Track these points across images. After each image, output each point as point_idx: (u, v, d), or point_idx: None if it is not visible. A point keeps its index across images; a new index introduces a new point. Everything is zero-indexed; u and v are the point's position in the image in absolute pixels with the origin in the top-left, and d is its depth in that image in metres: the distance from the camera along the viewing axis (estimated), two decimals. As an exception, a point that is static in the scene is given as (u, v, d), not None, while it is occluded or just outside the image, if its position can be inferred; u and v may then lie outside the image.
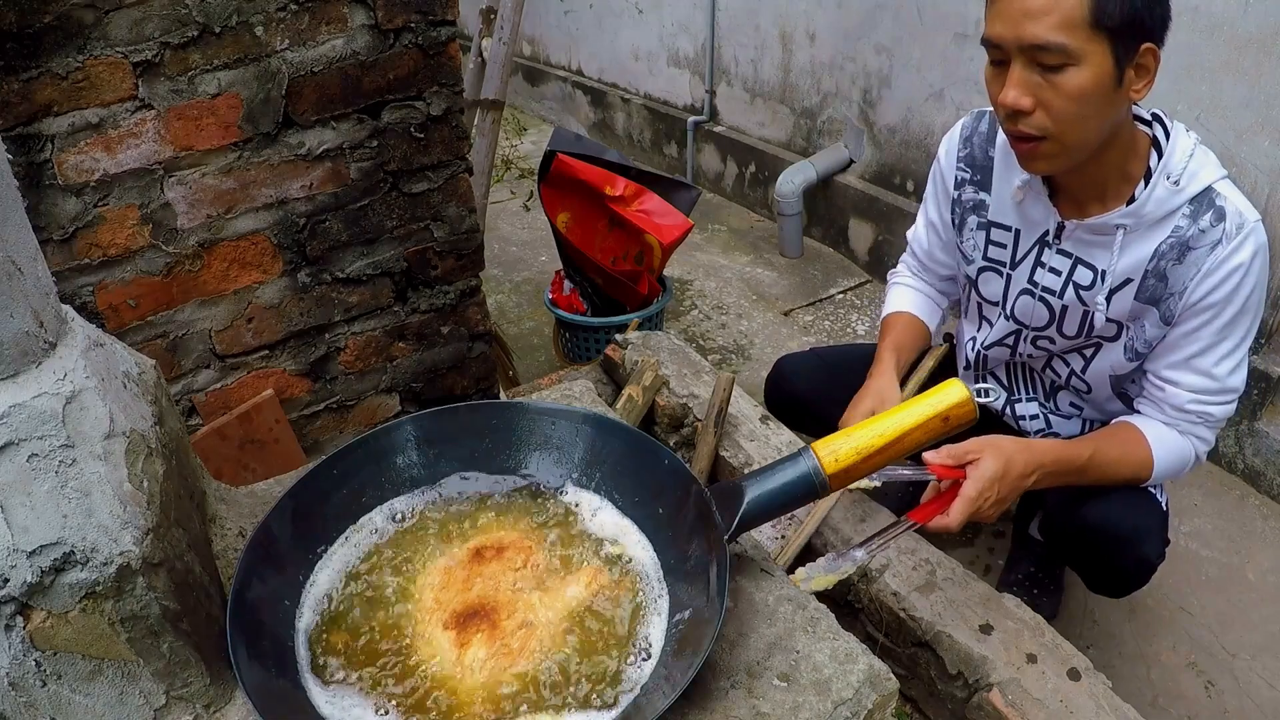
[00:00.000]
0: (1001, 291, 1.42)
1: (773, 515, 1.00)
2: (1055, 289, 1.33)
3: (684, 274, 3.26)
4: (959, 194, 1.42)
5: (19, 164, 1.22)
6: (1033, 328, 1.40)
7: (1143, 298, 1.25)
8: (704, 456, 1.60)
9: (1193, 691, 1.64)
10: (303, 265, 1.51)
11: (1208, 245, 1.17)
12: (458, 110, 1.53)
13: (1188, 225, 1.19)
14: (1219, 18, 1.89)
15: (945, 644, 1.26)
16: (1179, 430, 1.30)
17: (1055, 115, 1.09)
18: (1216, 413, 1.28)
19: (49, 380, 0.75)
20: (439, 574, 0.99)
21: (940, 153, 1.46)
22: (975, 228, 1.41)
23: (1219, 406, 1.28)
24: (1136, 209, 1.20)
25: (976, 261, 1.44)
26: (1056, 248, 1.31)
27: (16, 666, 0.75)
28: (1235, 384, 1.26)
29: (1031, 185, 1.30)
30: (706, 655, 0.81)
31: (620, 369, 1.85)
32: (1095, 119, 1.11)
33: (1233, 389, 1.27)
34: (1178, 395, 1.28)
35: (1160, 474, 1.32)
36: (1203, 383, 1.26)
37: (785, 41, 3.31)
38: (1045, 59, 1.06)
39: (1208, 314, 1.21)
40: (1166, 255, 1.21)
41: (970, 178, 1.40)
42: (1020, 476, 1.17)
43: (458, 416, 1.13)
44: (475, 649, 0.90)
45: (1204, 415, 1.28)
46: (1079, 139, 1.13)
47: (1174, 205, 1.19)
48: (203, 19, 1.27)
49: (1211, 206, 1.18)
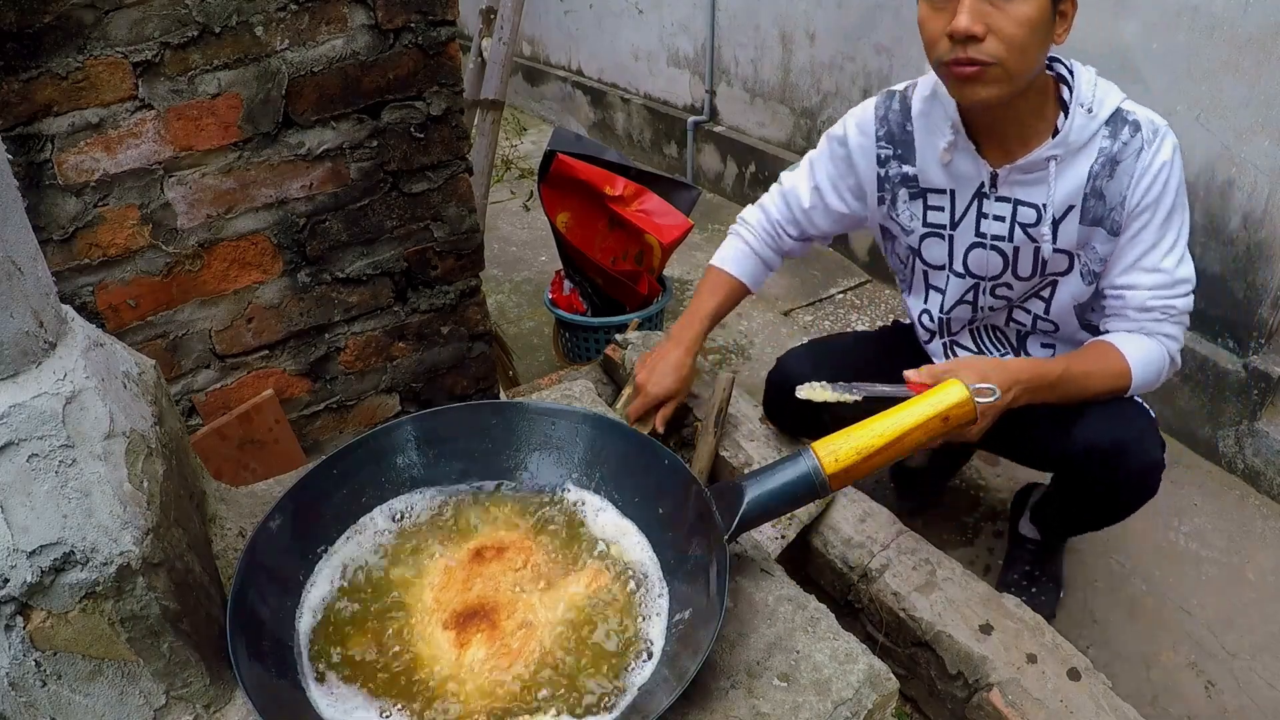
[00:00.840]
0: (946, 253, 1.49)
1: (773, 515, 1.00)
2: (1003, 234, 1.40)
3: (684, 274, 3.26)
4: (884, 171, 1.48)
5: (19, 164, 1.22)
6: (989, 278, 1.47)
7: (1087, 220, 1.34)
8: (704, 456, 1.60)
9: (1193, 691, 1.64)
10: (303, 265, 1.51)
11: (1133, 154, 1.29)
12: (458, 110, 1.53)
13: (1111, 144, 1.30)
14: (1219, 18, 1.89)
15: (945, 644, 1.26)
16: (1146, 333, 1.36)
17: (1006, 40, 1.17)
18: (1178, 304, 1.35)
19: (49, 380, 0.75)
20: (439, 574, 0.99)
21: (849, 133, 1.50)
22: (908, 199, 1.48)
23: (1179, 299, 1.34)
24: (1063, 139, 1.30)
25: (917, 230, 1.50)
26: (995, 195, 1.38)
27: (16, 666, 0.75)
28: (1185, 274, 1.34)
29: (958, 143, 1.38)
30: (706, 655, 0.81)
31: (620, 369, 1.85)
32: (1036, 49, 1.21)
33: (1184, 279, 1.34)
34: (1137, 296, 1.35)
35: (1139, 379, 1.36)
36: (1157, 279, 1.33)
37: (785, 41, 3.31)
38: None
39: (1147, 214, 1.31)
40: (1099, 174, 1.31)
41: (893, 153, 1.46)
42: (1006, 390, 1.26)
43: (458, 416, 1.13)
44: (475, 649, 0.90)
45: (1167, 309, 1.35)
46: (1022, 67, 1.21)
47: (1093, 129, 1.30)
48: (203, 19, 1.27)
49: (1126, 122, 1.30)
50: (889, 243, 1.59)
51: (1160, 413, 2.26)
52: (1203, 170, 2.02)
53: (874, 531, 1.45)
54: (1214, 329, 2.12)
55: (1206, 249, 2.08)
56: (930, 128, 1.41)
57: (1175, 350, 1.38)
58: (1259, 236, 1.96)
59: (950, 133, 1.37)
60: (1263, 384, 2.02)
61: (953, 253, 1.47)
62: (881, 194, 1.50)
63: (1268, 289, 1.98)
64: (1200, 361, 2.13)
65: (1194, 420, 2.20)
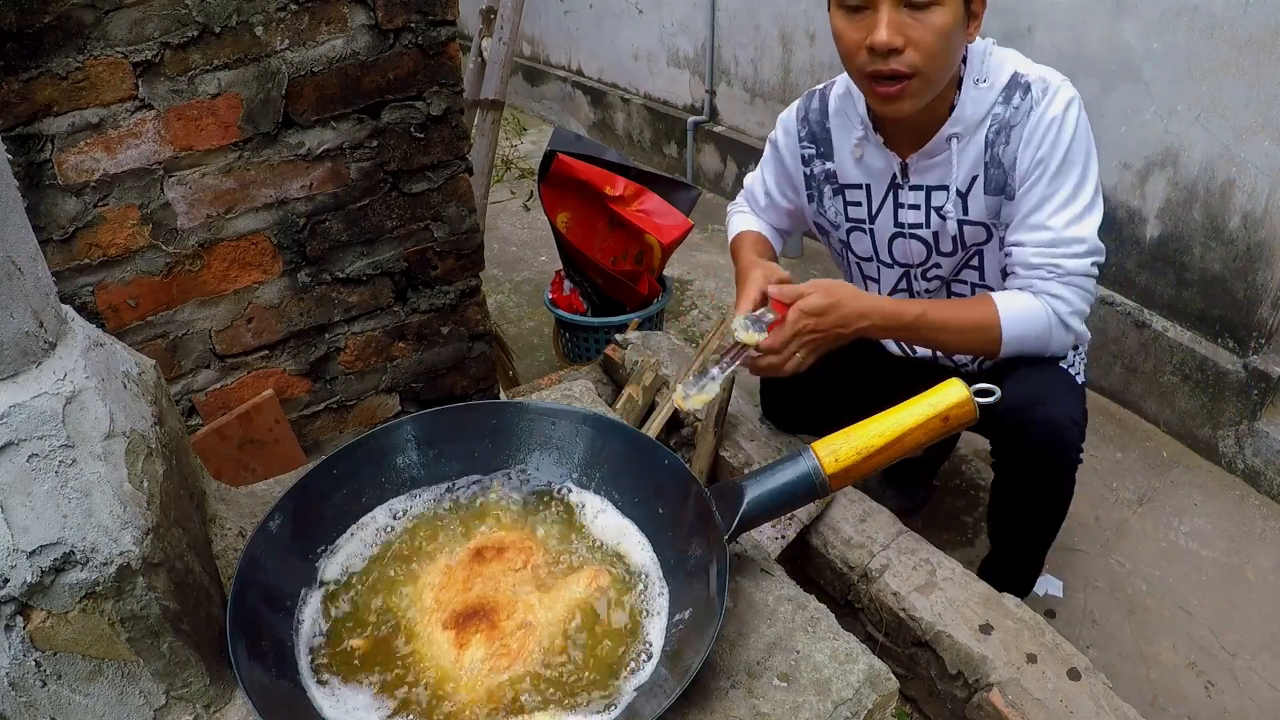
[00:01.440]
0: (871, 246, 1.51)
1: (773, 515, 1.00)
2: (920, 221, 1.42)
3: (684, 274, 3.26)
4: (809, 170, 1.52)
5: (19, 164, 1.22)
6: (916, 265, 1.49)
7: (991, 189, 1.34)
8: (704, 456, 1.60)
9: (1193, 691, 1.64)
10: (303, 265, 1.51)
11: (1024, 115, 1.29)
12: (458, 110, 1.53)
13: (1004, 110, 1.30)
14: (1219, 18, 1.89)
15: (945, 644, 1.26)
16: (1034, 292, 1.33)
17: (925, 51, 1.19)
18: (1066, 264, 1.30)
19: (49, 380, 0.75)
20: (439, 574, 0.99)
21: (779, 137, 1.56)
22: (831, 195, 1.50)
23: (1068, 259, 1.29)
24: (957, 115, 1.31)
25: (843, 225, 1.52)
26: (908, 185, 1.40)
27: (16, 666, 0.75)
28: (1077, 234, 1.29)
29: (867, 138, 1.40)
30: (706, 655, 0.81)
31: (620, 369, 1.85)
32: (952, 54, 1.23)
33: (1075, 239, 1.29)
34: (1022, 253, 1.33)
35: (1011, 334, 1.32)
36: (1042, 236, 1.30)
37: (785, 41, 3.31)
38: None
39: (1035, 173, 1.29)
40: (995, 142, 1.31)
41: (816, 151, 1.50)
42: (844, 319, 1.29)
43: (458, 417, 1.13)
44: (474, 649, 0.90)
45: (1053, 268, 1.30)
46: (940, 74, 1.23)
47: (990, 100, 1.30)
48: (203, 19, 1.27)
49: (1018, 86, 1.30)
50: (824, 238, 1.62)
51: (1160, 413, 2.27)
52: (1203, 170, 2.02)
53: (874, 531, 1.45)
54: (1214, 329, 2.12)
55: (1206, 249, 2.08)
56: (843, 125, 1.44)
57: (1066, 313, 1.32)
58: (1259, 236, 1.96)
59: (860, 128, 1.40)
60: (1263, 384, 2.02)
61: (876, 245, 1.50)
62: (810, 191, 1.54)
63: (1268, 289, 1.98)
64: (1200, 361, 2.13)
65: (1194, 420, 2.20)
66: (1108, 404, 2.37)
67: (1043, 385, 1.35)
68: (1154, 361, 2.24)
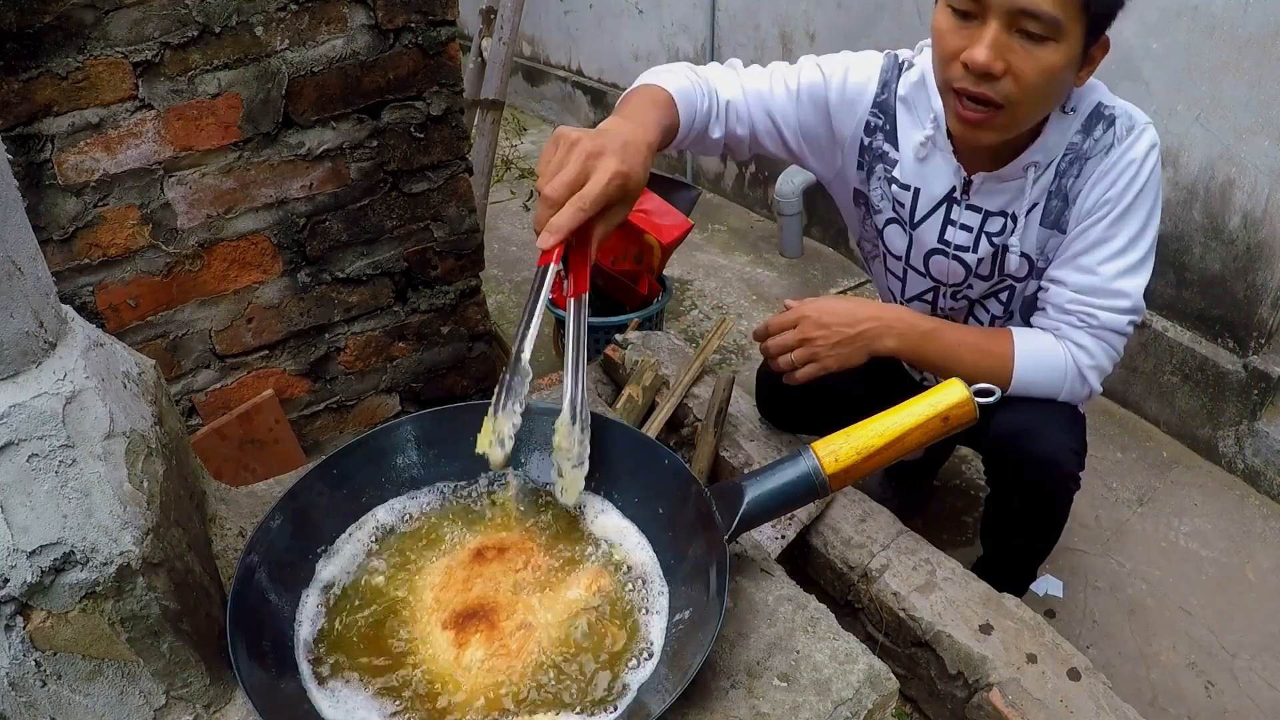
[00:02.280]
0: (905, 249, 1.40)
1: (773, 515, 1.00)
2: (967, 245, 1.31)
3: (684, 274, 3.26)
4: (869, 140, 1.35)
5: (19, 164, 1.22)
6: (950, 284, 1.39)
7: (1047, 221, 1.25)
8: (704, 456, 1.60)
9: (1193, 691, 1.64)
10: (303, 265, 1.51)
11: (1102, 151, 1.18)
12: (458, 110, 1.53)
13: (1081, 140, 1.20)
14: (1219, 18, 1.89)
15: (945, 644, 1.26)
16: (1056, 335, 1.25)
17: (1024, 85, 1.06)
18: (1101, 316, 1.22)
19: (49, 380, 0.75)
20: (439, 574, 0.99)
21: (845, 80, 1.32)
22: (881, 177, 1.37)
23: (1103, 311, 1.21)
24: (1043, 144, 1.20)
25: (885, 212, 1.40)
26: (965, 204, 1.29)
27: (16, 666, 0.75)
28: (1123, 288, 1.21)
29: (936, 142, 1.27)
30: (706, 655, 0.81)
31: (620, 369, 1.85)
32: (1051, 99, 1.12)
33: (1119, 292, 1.21)
34: (1060, 294, 1.24)
35: (1023, 375, 1.25)
36: (1085, 280, 1.22)
37: (785, 41, 3.31)
38: (1031, 27, 1.03)
39: (1099, 213, 1.20)
40: (1066, 172, 1.21)
41: (881, 125, 1.33)
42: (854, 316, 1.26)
43: (458, 416, 1.12)
44: (474, 649, 0.90)
45: (1085, 317, 1.22)
46: (1031, 115, 1.12)
47: (1072, 129, 1.20)
48: (203, 19, 1.27)
49: (1101, 118, 1.19)
50: (863, 211, 1.46)
51: (1160, 413, 2.27)
52: (1203, 170, 2.02)
53: (874, 531, 1.45)
54: (1214, 329, 2.12)
55: (1206, 249, 2.08)
56: (910, 116, 1.30)
57: (1087, 365, 1.24)
58: (1259, 236, 1.96)
59: (931, 127, 1.27)
60: (1263, 384, 2.02)
61: (911, 251, 1.39)
62: (861, 160, 1.38)
63: (1268, 289, 1.98)
64: (1200, 361, 2.13)
65: (1194, 420, 2.20)
66: (1108, 404, 2.37)
67: (1033, 414, 1.27)
68: (1154, 361, 2.24)
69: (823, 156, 1.41)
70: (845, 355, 1.28)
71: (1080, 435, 1.32)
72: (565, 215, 0.94)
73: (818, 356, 1.29)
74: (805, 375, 1.30)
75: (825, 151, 1.40)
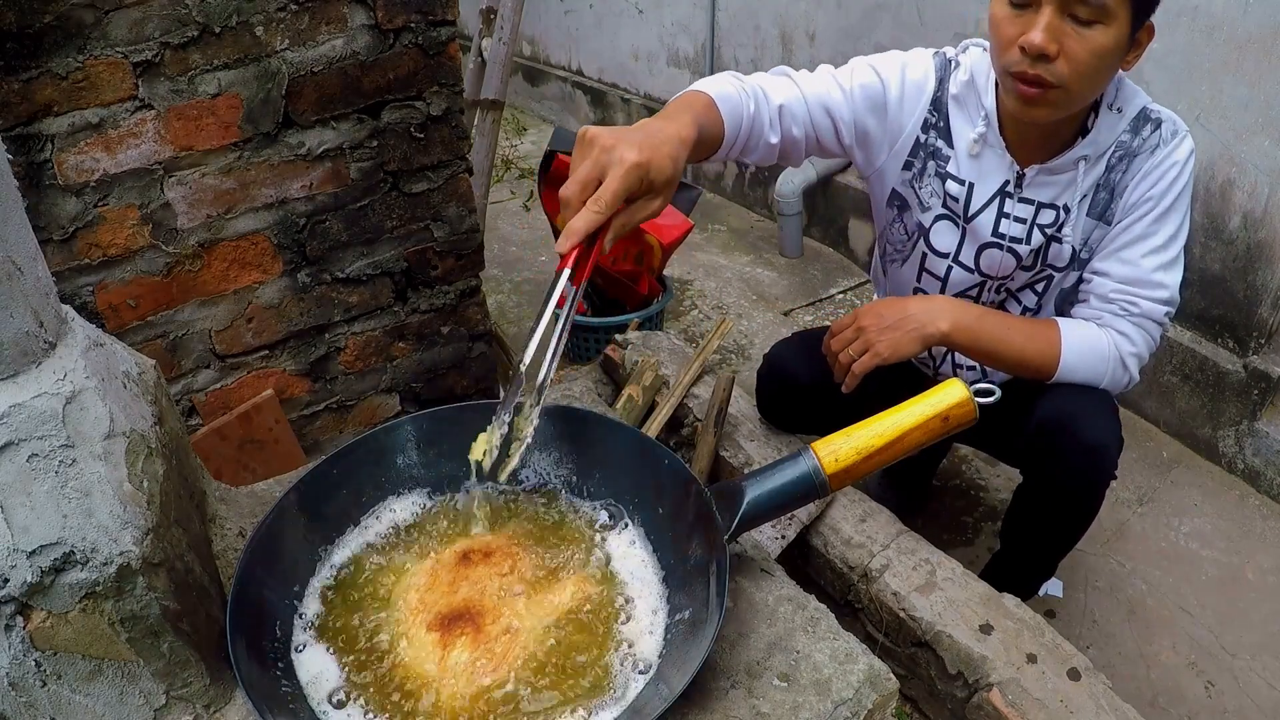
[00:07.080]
0: (955, 245, 1.43)
1: (773, 515, 1.00)
2: (1021, 236, 1.37)
3: (684, 274, 3.26)
4: (924, 137, 1.39)
5: (19, 164, 1.22)
6: (998, 277, 1.43)
7: (1094, 212, 1.32)
8: (704, 456, 1.59)
9: (1193, 691, 1.64)
10: (303, 265, 1.51)
11: (1149, 150, 1.27)
12: (458, 110, 1.53)
13: (1130, 138, 1.29)
14: (1219, 18, 1.89)
15: (945, 644, 1.26)
16: (1099, 323, 1.33)
17: (1075, 66, 1.14)
18: (1142, 305, 1.30)
19: (49, 380, 0.75)
20: (425, 576, 0.98)
21: (915, 75, 1.36)
22: (934, 174, 1.41)
23: (1144, 300, 1.30)
24: (1093, 139, 1.27)
25: (934, 209, 1.43)
26: (1018, 196, 1.35)
27: (16, 666, 0.75)
28: (1162, 280, 1.30)
29: (988, 139, 1.34)
30: (706, 655, 0.81)
31: (620, 369, 1.85)
32: (1102, 78, 1.18)
33: (1159, 284, 1.30)
34: (1103, 284, 1.32)
35: (1069, 362, 1.32)
36: (1127, 271, 1.30)
37: (785, 41, 3.31)
38: (1081, 12, 1.11)
39: (1143, 208, 1.28)
40: (1115, 167, 1.29)
41: (935, 123, 1.39)
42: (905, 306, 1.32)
43: (457, 416, 1.12)
44: (458, 652, 0.89)
45: (1127, 306, 1.31)
46: (1083, 94, 1.19)
47: (1121, 128, 1.28)
48: (203, 19, 1.27)
49: (1148, 120, 1.28)
50: (896, 211, 1.48)
51: (1160, 413, 2.27)
52: (1203, 170, 2.02)
53: (874, 531, 1.44)
54: (1214, 329, 2.12)
55: (1206, 249, 2.08)
56: (962, 115, 1.36)
57: (1128, 351, 1.32)
58: (1259, 236, 1.96)
59: (982, 124, 1.33)
60: (1263, 384, 2.02)
61: (962, 247, 1.43)
62: (912, 159, 1.41)
63: (1268, 289, 1.98)
64: (1200, 361, 2.13)
65: (1194, 420, 2.20)
66: (1108, 404, 2.37)
67: (1080, 401, 1.33)
68: (1154, 361, 2.24)
69: (869, 154, 1.45)
70: (896, 340, 1.32)
71: (1118, 424, 1.37)
72: (581, 218, 0.93)
73: (871, 344, 1.33)
74: (862, 366, 1.33)
75: (873, 149, 1.44)
